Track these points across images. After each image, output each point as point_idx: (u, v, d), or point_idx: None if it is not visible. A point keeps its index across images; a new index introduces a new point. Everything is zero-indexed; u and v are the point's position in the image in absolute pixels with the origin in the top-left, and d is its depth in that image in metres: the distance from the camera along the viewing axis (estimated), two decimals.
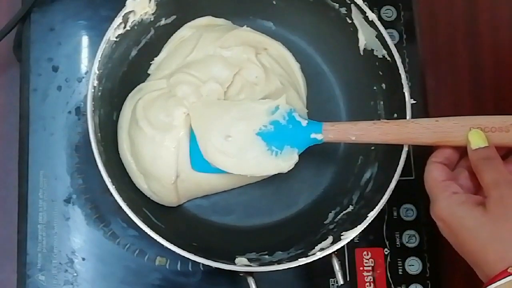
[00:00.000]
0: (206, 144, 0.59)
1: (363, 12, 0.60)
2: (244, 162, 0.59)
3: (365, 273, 0.64)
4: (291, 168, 0.59)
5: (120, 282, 0.63)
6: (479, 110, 0.58)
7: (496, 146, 0.51)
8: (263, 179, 0.63)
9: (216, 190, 0.64)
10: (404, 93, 0.58)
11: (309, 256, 0.55)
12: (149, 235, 0.54)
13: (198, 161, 0.60)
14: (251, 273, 0.56)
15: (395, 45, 0.60)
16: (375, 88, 0.63)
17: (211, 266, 0.55)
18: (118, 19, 0.58)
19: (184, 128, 0.60)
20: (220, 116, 0.60)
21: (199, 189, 0.63)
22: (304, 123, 0.58)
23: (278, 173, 0.60)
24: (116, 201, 0.55)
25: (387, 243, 0.64)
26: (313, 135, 0.58)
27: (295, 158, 0.58)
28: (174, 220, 0.62)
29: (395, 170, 0.57)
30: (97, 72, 0.57)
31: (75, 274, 0.62)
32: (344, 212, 0.61)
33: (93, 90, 0.57)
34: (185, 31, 0.65)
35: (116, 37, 0.59)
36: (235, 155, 0.59)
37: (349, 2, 0.61)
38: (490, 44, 0.72)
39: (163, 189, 0.61)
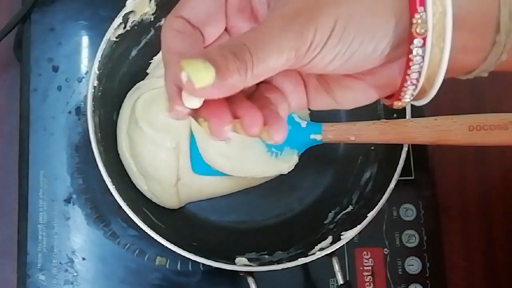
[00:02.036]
0: (206, 146, 0.59)
1: None
2: (244, 164, 0.59)
3: (364, 273, 0.64)
4: (291, 169, 0.59)
5: (120, 282, 0.63)
6: (478, 109, 0.58)
7: (496, 144, 0.51)
8: (264, 181, 0.64)
9: (217, 194, 0.64)
10: None
11: (309, 256, 0.55)
12: (149, 235, 0.54)
13: (199, 164, 0.60)
14: (251, 273, 0.56)
15: None
16: None
17: (211, 266, 0.55)
18: (118, 19, 0.58)
19: (184, 129, 0.60)
20: None
21: (200, 193, 0.63)
22: (303, 124, 0.58)
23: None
24: (116, 201, 0.55)
25: (386, 243, 0.64)
26: (312, 136, 0.58)
27: (295, 159, 0.59)
28: (174, 220, 0.62)
29: (395, 170, 0.57)
30: (97, 72, 0.57)
31: (75, 274, 0.62)
32: (343, 212, 0.61)
33: (93, 90, 0.57)
34: None
35: (116, 37, 0.59)
36: (235, 157, 0.59)
37: None
38: None
39: (164, 192, 0.61)
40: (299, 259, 0.55)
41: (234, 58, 0.31)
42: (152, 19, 0.62)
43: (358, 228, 0.56)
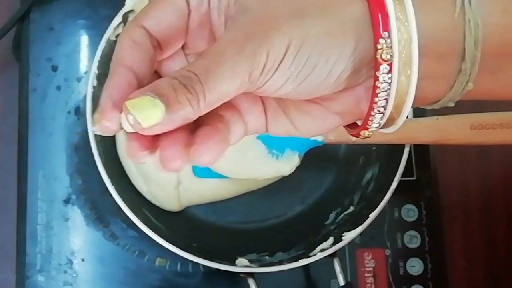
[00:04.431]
0: None
1: None
2: (245, 166, 0.58)
3: (366, 274, 0.63)
4: (292, 171, 0.59)
5: (119, 283, 0.62)
6: (480, 108, 0.58)
7: (499, 143, 0.51)
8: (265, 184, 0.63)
9: (218, 198, 0.64)
10: None
11: (310, 256, 0.55)
12: (149, 236, 0.54)
13: (200, 167, 0.60)
14: (251, 274, 0.56)
15: None
16: None
17: (211, 267, 0.55)
18: (118, 19, 0.58)
19: None
20: None
21: (201, 197, 0.63)
22: None
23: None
24: (115, 201, 0.55)
25: (388, 244, 0.64)
26: (313, 137, 0.58)
27: (296, 161, 0.58)
28: (174, 221, 0.62)
29: (396, 171, 0.57)
30: (97, 72, 0.57)
31: (74, 275, 0.62)
32: (345, 212, 0.61)
33: (92, 90, 0.57)
34: None
35: (116, 37, 0.58)
36: (235, 159, 0.58)
37: None
38: None
39: (165, 195, 0.61)
40: (300, 260, 0.55)
41: (184, 89, 0.30)
42: None
43: (360, 229, 0.56)
